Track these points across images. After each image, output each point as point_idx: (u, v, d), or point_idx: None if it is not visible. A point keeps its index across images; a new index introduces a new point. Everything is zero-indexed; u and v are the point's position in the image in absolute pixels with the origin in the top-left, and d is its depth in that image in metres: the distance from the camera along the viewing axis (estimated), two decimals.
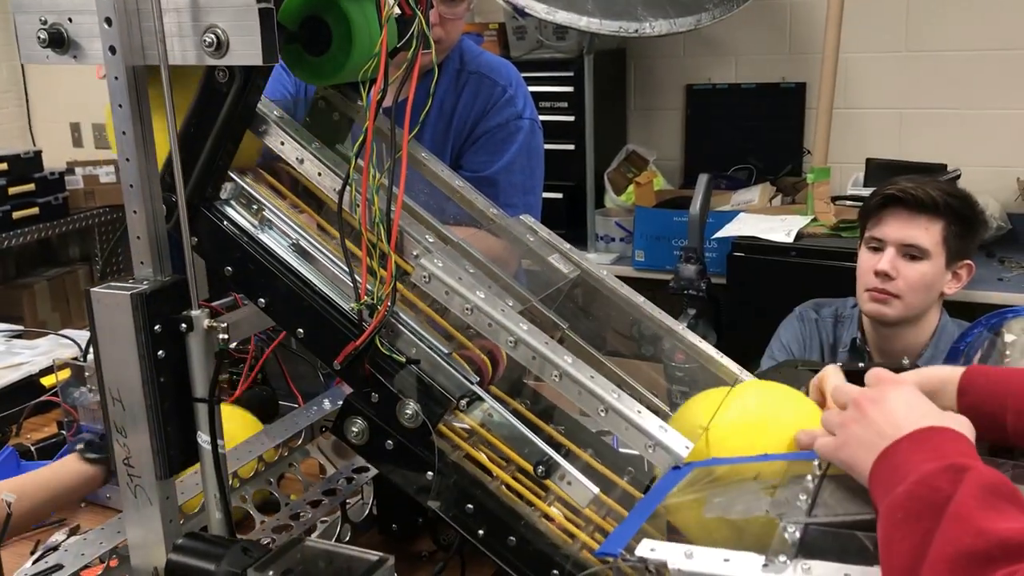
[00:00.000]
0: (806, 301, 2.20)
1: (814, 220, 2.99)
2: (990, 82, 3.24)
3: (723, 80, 3.64)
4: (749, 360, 1.23)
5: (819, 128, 3.19)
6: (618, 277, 1.22)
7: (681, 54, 3.68)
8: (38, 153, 4.20)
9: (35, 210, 4.10)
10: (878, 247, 1.96)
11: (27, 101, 4.83)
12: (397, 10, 0.96)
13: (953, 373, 0.97)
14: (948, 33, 3.26)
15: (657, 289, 2.94)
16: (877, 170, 3.07)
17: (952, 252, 1.94)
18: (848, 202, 3.04)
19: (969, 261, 1.99)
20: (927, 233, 1.91)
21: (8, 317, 3.78)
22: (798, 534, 0.66)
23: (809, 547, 0.65)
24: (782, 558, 0.63)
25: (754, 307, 2.71)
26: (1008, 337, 1.21)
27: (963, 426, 0.81)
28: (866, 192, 2.71)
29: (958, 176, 2.90)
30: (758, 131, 3.57)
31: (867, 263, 1.97)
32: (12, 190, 4.01)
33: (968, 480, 0.68)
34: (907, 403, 0.82)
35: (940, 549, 0.64)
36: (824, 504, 0.72)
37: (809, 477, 0.75)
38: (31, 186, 4.09)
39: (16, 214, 4.02)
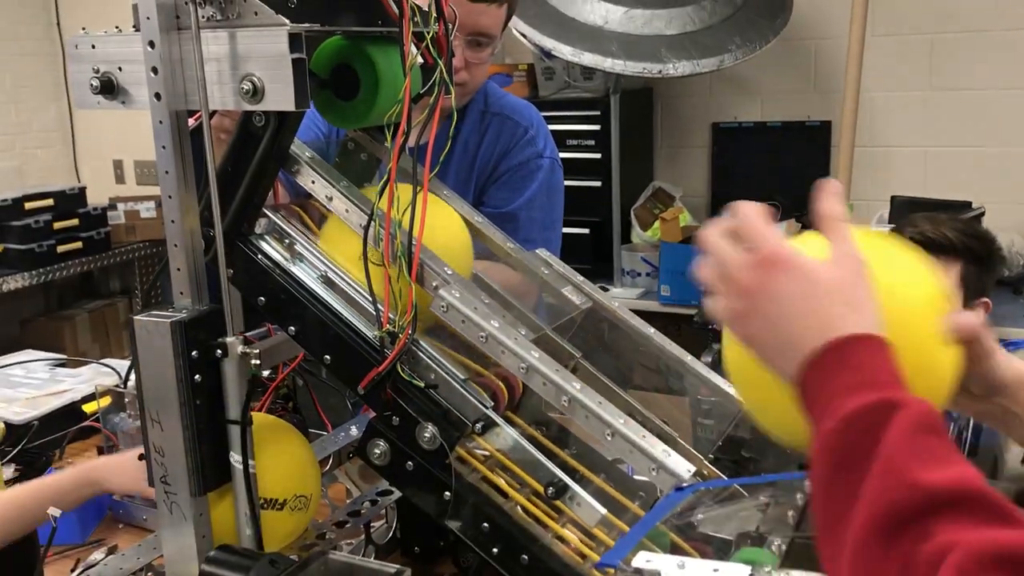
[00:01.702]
0: None
1: None
2: (1014, 119, 3.26)
3: (749, 118, 3.69)
4: None
5: (841, 166, 3.23)
6: (644, 312, 1.25)
7: (707, 93, 3.74)
8: (82, 189, 4.33)
9: (79, 244, 4.22)
10: None
11: (73, 139, 4.99)
12: (420, 59, 1.03)
13: None
14: (972, 71, 3.29)
15: (683, 323, 2.96)
16: (902, 207, 3.09)
17: (970, 291, 1.96)
18: None
19: (986, 299, 2.01)
20: (945, 273, 1.93)
21: (50, 348, 3.88)
22: (784, 547, 0.71)
23: (794, 558, 0.70)
24: (767, 568, 0.68)
25: None
26: None
27: (874, 325, 0.71)
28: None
29: (982, 213, 2.91)
30: (784, 169, 3.61)
31: None
32: (57, 225, 4.12)
33: (899, 420, 0.63)
34: (827, 289, 0.72)
35: (874, 505, 0.60)
36: (810, 519, 0.76)
37: (799, 496, 0.80)
38: (75, 221, 4.21)
39: (60, 248, 4.13)
